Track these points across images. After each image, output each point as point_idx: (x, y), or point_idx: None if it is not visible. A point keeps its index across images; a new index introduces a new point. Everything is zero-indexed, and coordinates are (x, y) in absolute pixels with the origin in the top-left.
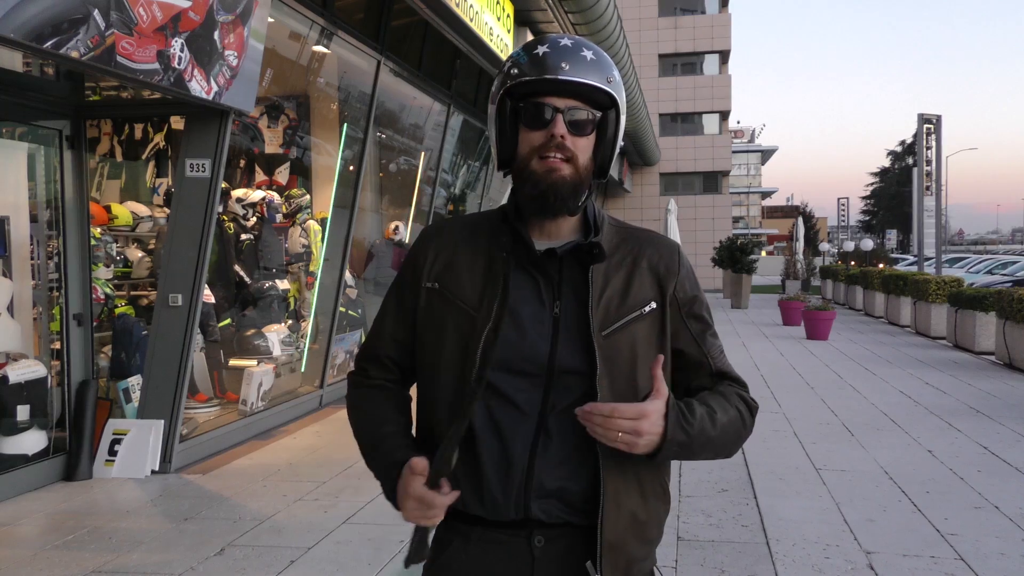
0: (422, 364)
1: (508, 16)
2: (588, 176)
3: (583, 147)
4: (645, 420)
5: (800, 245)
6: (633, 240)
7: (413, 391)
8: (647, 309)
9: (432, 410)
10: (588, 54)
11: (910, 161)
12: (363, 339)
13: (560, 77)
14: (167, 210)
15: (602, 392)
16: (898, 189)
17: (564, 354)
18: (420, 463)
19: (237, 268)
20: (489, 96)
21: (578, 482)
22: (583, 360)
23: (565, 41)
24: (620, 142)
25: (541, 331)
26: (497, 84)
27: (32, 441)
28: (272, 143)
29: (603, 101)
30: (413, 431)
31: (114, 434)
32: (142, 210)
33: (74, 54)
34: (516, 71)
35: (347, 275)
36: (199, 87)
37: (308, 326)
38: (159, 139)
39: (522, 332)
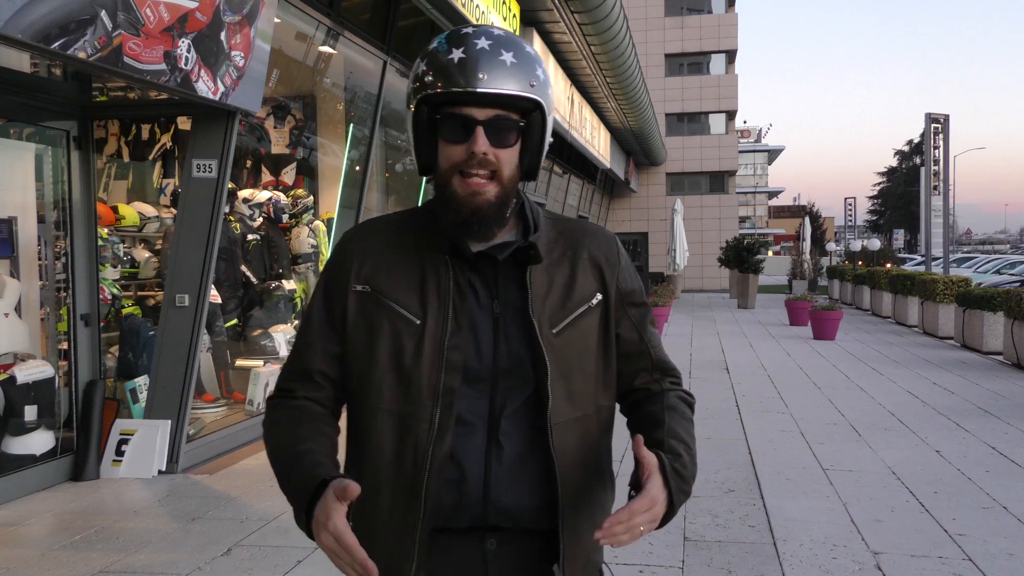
0: (357, 372)
1: (515, 16)
2: (514, 186)
3: (508, 158)
4: (658, 505)
5: (807, 245)
6: (571, 233)
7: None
8: (594, 302)
9: (368, 424)
10: (508, 57)
11: (917, 161)
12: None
13: (478, 90)
14: (174, 210)
15: (553, 395)
16: (905, 189)
17: (505, 355)
18: (348, 486)
19: (244, 268)
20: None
21: (532, 494)
22: (525, 361)
23: (482, 43)
24: (549, 139)
25: (483, 334)
26: (411, 88)
27: (40, 441)
28: (278, 143)
29: (527, 105)
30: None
31: (121, 434)
32: (149, 210)
33: (81, 55)
34: (430, 78)
35: None
36: (206, 88)
37: None
38: (166, 139)
39: (472, 335)
